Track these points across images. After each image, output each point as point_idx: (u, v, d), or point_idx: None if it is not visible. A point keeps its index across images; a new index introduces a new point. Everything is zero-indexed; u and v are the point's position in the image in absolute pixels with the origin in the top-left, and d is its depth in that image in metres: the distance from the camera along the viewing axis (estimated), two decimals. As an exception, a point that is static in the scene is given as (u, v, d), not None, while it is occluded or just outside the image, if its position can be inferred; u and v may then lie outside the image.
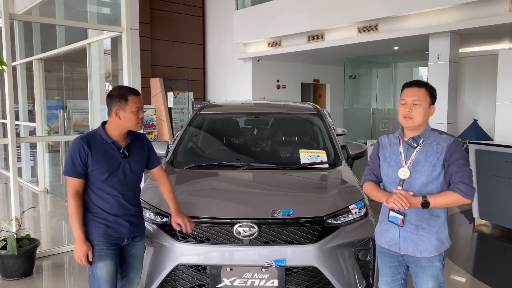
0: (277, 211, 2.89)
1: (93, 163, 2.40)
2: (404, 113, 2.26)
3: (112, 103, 2.44)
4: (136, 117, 2.44)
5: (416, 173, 2.25)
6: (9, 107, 4.31)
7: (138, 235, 2.62)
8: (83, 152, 2.39)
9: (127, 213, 2.52)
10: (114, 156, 2.46)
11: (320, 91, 15.01)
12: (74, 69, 8.37)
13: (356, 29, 9.60)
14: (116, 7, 5.44)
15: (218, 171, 3.71)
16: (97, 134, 2.48)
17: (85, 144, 2.40)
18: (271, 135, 4.60)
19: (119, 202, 2.48)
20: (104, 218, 2.45)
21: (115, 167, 2.45)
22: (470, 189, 2.17)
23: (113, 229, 2.47)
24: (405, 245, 2.30)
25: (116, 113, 2.43)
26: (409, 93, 2.28)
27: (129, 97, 2.43)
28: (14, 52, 8.48)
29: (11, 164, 4.29)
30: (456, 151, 2.22)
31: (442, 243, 2.29)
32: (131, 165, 2.51)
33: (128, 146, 2.53)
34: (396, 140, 2.38)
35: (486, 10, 7.41)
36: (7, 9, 4.21)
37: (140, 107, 2.47)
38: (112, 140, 2.47)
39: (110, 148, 2.46)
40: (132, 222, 2.55)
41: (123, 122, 2.44)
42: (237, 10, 12.24)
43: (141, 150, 2.62)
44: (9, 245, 3.94)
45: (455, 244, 5.27)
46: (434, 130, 2.33)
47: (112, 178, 2.44)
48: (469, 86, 11.07)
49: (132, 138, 2.56)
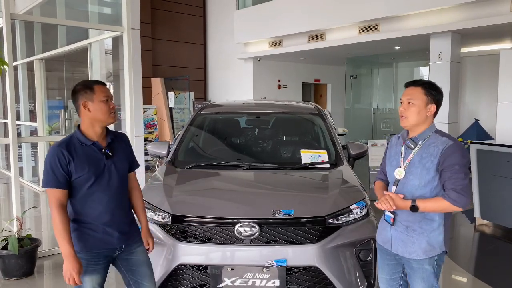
0: (278, 211, 2.89)
1: (76, 169, 2.19)
2: (400, 112, 2.27)
3: (78, 97, 2.25)
4: (107, 106, 2.25)
5: (411, 175, 2.24)
6: (10, 107, 4.31)
7: (132, 242, 2.44)
8: (63, 159, 2.18)
9: (116, 220, 2.32)
10: (97, 158, 2.27)
11: (321, 91, 15.01)
12: (75, 69, 8.37)
13: (357, 29, 9.59)
14: (117, 7, 5.43)
15: (219, 171, 3.70)
16: (74, 138, 2.27)
17: (65, 151, 2.19)
18: (272, 135, 4.60)
19: (107, 209, 2.28)
20: (92, 229, 2.26)
21: (99, 170, 2.26)
22: (461, 197, 2.11)
23: (101, 240, 2.28)
24: (396, 245, 2.31)
25: (85, 105, 2.23)
26: (406, 92, 2.28)
27: (95, 86, 2.26)
28: (15, 52, 8.49)
29: (12, 164, 4.30)
30: (452, 156, 2.14)
31: (432, 247, 2.23)
32: (116, 165, 2.33)
33: (110, 146, 2.35)
34: (400, 141, 2.38)
35: (487, 9, 7.40)
36: (8, 9, 4.21)
37: (109, 97, 2.28)
38: (92, 141, 2.28)
39: (91, 150, 2.27)
40: (122, 230, 2.35)
41: (93, 114, 2.24)
42: (238, 10, 12.24)
43: (124, 148, 2.45)
44: (10, 245, 3.94)
45: (457, 244, 5.26)
46: (437, 132, 2.27)
47: (98, 182, 2.25)
48: (470, 86, 11.06)
49: (113, 137, 2.39)
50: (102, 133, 2.33)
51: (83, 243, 2.25)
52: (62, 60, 7.99)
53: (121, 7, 4.93)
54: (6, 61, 4.01)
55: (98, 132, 2.30)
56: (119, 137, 2.47)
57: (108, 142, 2.34)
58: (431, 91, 2.24)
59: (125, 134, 2.62)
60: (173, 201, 3.08)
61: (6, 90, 4.36)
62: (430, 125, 2.27)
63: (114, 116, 2.30)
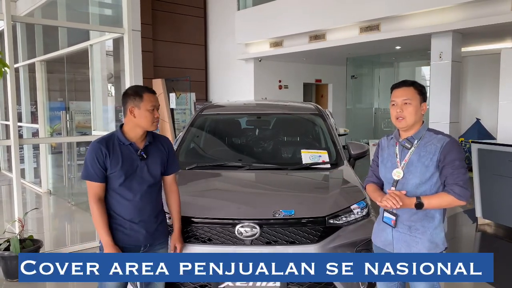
0: (278, 211, 2.89)
1: (111, 165, 2.33)
2: (395, 114, 2.26)
3: (127, 101, 2.38)
4: (152, 115, 2.36)
5: (410, 174, 2.24)
6: (11, 109, 4.32)
7: (157, 242, 2.51)
8: (100, 154, 2.31)
9: (144, 219, 2.42)
10: (131, 158, 2.38)
11: (322, 91, 15.00)
12: (76, 71, 8.39)
13: (358, 29, 9.59)
14: (117, 9, 5.45)
15: (220, 172, 3.71)
16: (114, 136, 2.41)
17: (103, 147, 2.33)
18: (273, 135, 4.60)
19: (135, 207, 2.39)
20: (120, 224, 2.38)
21: (132, 169, 2.37)
22: (464, 191, 2.14)
23: (128, 235, 2.38)
24: (398, 246, 2.30)
25: (131, 111, 2.36)
26: (398, 94, 2.27)
27: (144, 95, 2.37)
28: (17, 54, 8.52)
29: (14, 166, 4.31)
30: (451, 152, 2.18)
31: (435, 245, 2.25)
32: (149, 168, 2.42)
33: (147, 148, 2.44)
34: (393, 142, 2.38)
35: (488, 9, 7.39)
36: (9, 11, 4.23)
37: (156, 106, 2.39)
38: (130, 142, 2.39)
39: (128, 150, 2.39)
40: (149, 229, 2.44)
41: (138, 121, 2.36)
42: (239, 10, 12.24)
43: (161, 152, 2.51)
44: (12, 246, 3.96)
45: (458, 243, 5.26)
46: (430, 130, 2.30)
47: (129, 181, 2.36)
48: (472, 85, 11.05)
49: (151, 140, 2.47)
50: (142, 136, 2.44)
51: (110, 237, 2.34)
52: (63, 62, 8.00)
53: (122, 8, 4.94)
54: (7, 63, 4.02)
55: (138, 134, 2.42)
56: (159, 140, 2.55)
57: (145, 144, 2.44)
58: (422, 90, 2.28)
59: (166, 137, 2.66)
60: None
61: (7, 92, 4.38)
62: (423, 124, 2.30)
63: (156, 125, 2.43)
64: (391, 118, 2.31)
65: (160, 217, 2.55)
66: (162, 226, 2.57)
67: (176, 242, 2.66)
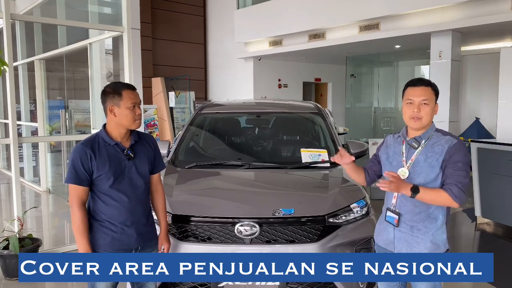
0: (278, 210, 2.89)
1: (97, 168, 2.25)
2: (411, 113, 2.19)
3: (106, 99, 2.29)
4: (133, 113, 2.28)
5: (415, 174, 2.22)
6: (10, 107, 4.32)
7: (147, 244, 2.47)
8: (85, 157, 2.23)
9: (135, 221, 2.36)
10: (118, 158, 2.31)
11: (322, 90, 14.99)
12: (75, 69, 8.38)
13: (358, 28, 9.59)
14: (117, 7, 5.44)
15: (219, 171, 3.71)
16: (99, 137, 2.33)
17: (88, 149, 2.25)
18: (273, 134, 4.60)
19: (126, 209, 2.32)
20: (109, 228, 2.30)
21: (120, 170, 2.30)
22: (462, 193, 2.11)
23: (119, 240, 2.32)
24: (399, 245, 2.29)
25: (111, 109, 2.27)
26: (416, 93, 2.20)
27: (123, 92, 2.27)
28: (16, 52, 8.50)
29: (13, 164, 4.30)
30: (457, 154, 2.15)
31: (437, 246, 2.23)
32: (137, 167, 2.36)
33: (133, 147, 2.38)
34: (400, 140, 2.35)
35: (487, 8, 7.39)
36: (8, 9, 4.22)
37: (137, 103, 2.30)
38: (115, 141, 2.32)
39: (113, 150, 2.31)
40: (141, 231, 2.39)
41: (119, 120, 2.28)
42: (238, 9, 12.23)
43: (147, 150, 2.46)
44: (11, 245, 3.96)
45: (458, 242, 5.26)
46: (438, 131, 2.26)
47: (118, 182, 2.29)
48: (471, 85, 11.06)
49: (137, 138, 2.41)
50: (126, 134, 2.37)
51: (101, 241, 2.30)
52: (62, 60, 8.00)
53: (121, 7, 4.93)
54: (6, 62, 4.02)
55: (122, 133, 2.35)
56: (144, 138, 2.49)
57: (131, 143, 2.38)
58: (437, 90, 2.24)
59: (151, 135, 2.63)
60: (173, 200, 3.07)
61: (6, 91, 4.37)
62: (432, 124, 2.26)
63: (138, 123, 2.34)
64: (404, 117, 2.25)
65: (150, 218, 2.50)
66: (153, 227, 2.52)
67: (163, 242, 2.61)
